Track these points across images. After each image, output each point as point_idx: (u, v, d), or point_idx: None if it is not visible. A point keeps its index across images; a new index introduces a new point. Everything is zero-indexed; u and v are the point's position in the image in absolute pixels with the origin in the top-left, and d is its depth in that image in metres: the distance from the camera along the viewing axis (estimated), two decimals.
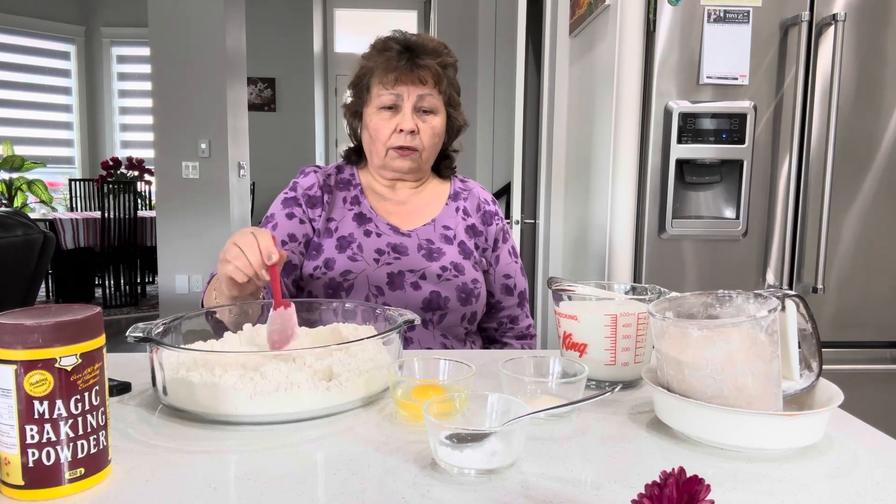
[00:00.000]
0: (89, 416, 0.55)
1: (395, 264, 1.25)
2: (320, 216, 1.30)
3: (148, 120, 5.07)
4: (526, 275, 1.44)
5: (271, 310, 0.86)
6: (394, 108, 1.26)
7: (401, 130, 1.26)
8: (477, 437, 0.59)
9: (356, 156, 1.40)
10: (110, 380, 0.75)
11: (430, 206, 1.36)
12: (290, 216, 1.29)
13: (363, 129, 1.33)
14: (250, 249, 0.90)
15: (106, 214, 4.94)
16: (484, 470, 0.57)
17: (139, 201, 5.37)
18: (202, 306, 1.12)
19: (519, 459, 0.60)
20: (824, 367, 0.72)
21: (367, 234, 1.28)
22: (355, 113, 1.36)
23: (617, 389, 0.69)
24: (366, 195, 1.34)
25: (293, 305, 0.87)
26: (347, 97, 1.38)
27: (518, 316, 1.39)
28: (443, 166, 1.42)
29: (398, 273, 1.24)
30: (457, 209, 1.37)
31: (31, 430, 0.53)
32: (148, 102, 4.94)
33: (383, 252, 1.26)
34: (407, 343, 1.20)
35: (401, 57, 1.25)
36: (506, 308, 1.38)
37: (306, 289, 1.26)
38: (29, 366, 0.52)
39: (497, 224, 1.39)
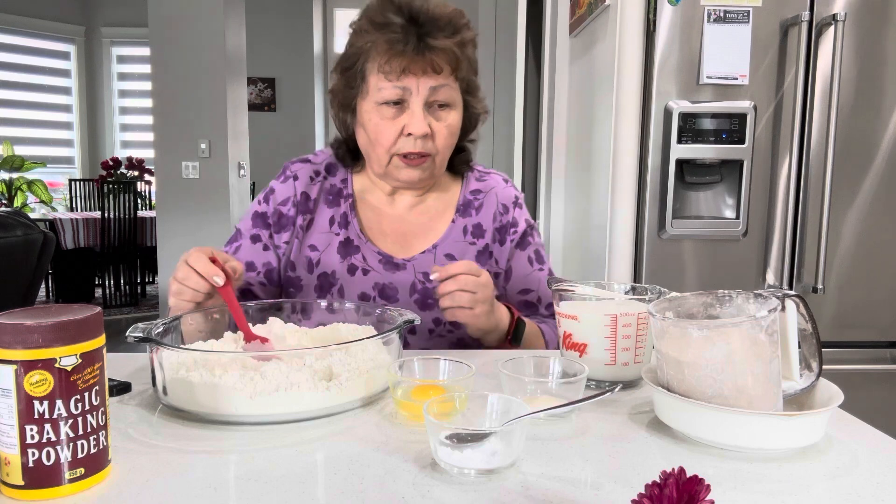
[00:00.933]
0: (89, 416, 0.55)
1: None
2: (287, 244, 1.11)
3: (148, 120, 5.07)
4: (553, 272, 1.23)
5: (243, 342, 0.84)
6: (399, 102, 1.01)
7: (409, 134, 1.01)
8: (477, 437, 0.59)
9: (350, 157, 1.15)
10: (110, 380, 0.75)
11: (433, 223, 1.14)
12: (255, 239, 1.12)
13: (358, 125, 1.07)
14: (189, 280, 0.84)
15: (106, 214, 4.94)
16: (484, 470, 0.57)
17: (139, 201, 5.37)
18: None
19: (519, 459, 0.60)
20: (824, 367, 0.72)
21: (352, 270, 1.09)
22: (346, 105, 1.08)
23: (617, 389, 0.69)
24: (357, 210, 1.13)
25: (269, 340, 0.85)
26: (334, 80, 1.09)
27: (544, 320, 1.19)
28: (456, 161, 1.15)
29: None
30: (465, 230, 1.13)
31: (31, 430, 0.53)
32: (148, 102, 4.94)
33: (368, 297, 1.09)
34: (406, 344, 1.10)
35: (407, 36, 0.97)
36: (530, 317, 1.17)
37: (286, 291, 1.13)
38: (29, 366, 0.52)
39: (512, 237, 1.14)
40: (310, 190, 1.13)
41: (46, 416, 0.53)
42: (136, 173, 5.81)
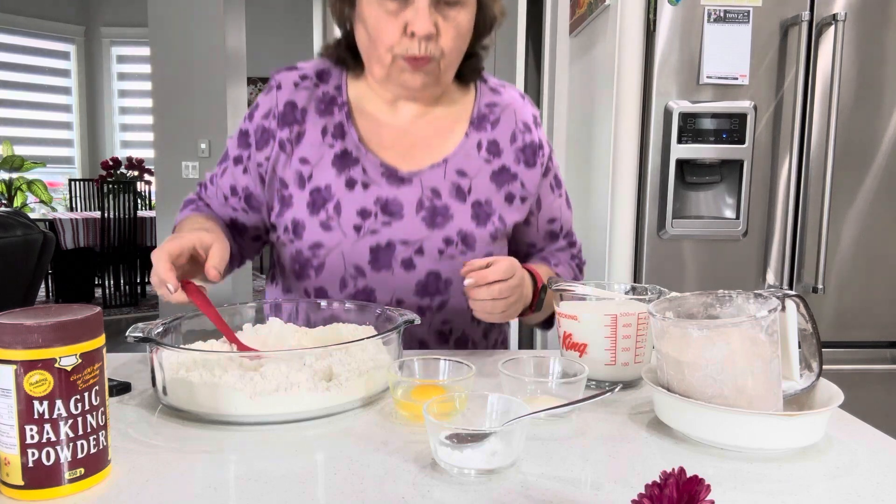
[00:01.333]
0: (89, 417, 0.55)
1: (383, 232, 0.96)
2: (267, 159, 1.00)
3: (148, 120, 5.07)
4: (568, 197, 1.15)
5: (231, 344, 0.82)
6: None
7: (412, 34, 0.89)
8: (477, 438, 0.59)
9: (351, 58, 1.01)
10: (110, 380, 0.75)
11: (443, 136, 1.01)
12: (238, 160, 1.02)
13: (357, 21, 0.95)
14: (160, 288, 0.78)
15: (106, 214, 4.94)
16: (484, 470, 0.57)
17: (139, 201, 5.37)
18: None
19: (519, 459, 0.60)
20: (824, 367, 0.72)
21: (351, 184, 0.97)
22: None
23: (617, 389, 0.69)
24: (354, 119, 1.00)
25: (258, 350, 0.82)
26: None
27: (562, 252, 1.12)
28: (466, 68, 1.02)
29: (386, 246, 0.96)
30: (479, 145, 1.01)
31: (31, 430, 0.53)
32: (148, 102, 4.94)
33: (369, 214, 0.96)
34: (411, 265, 1.00)
35: None
36: (551, 253, 1.12)
37: (276, 254, 1.05)
38: (29, 366, 0.52)
39: (542, 160, 1.04)
40: (296, 98, 1.00)
41: (46, 417, 0.53)
42: (136, 173, 5.82)
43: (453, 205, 0.98)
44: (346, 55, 1.01)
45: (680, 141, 1.78)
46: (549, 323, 1.10)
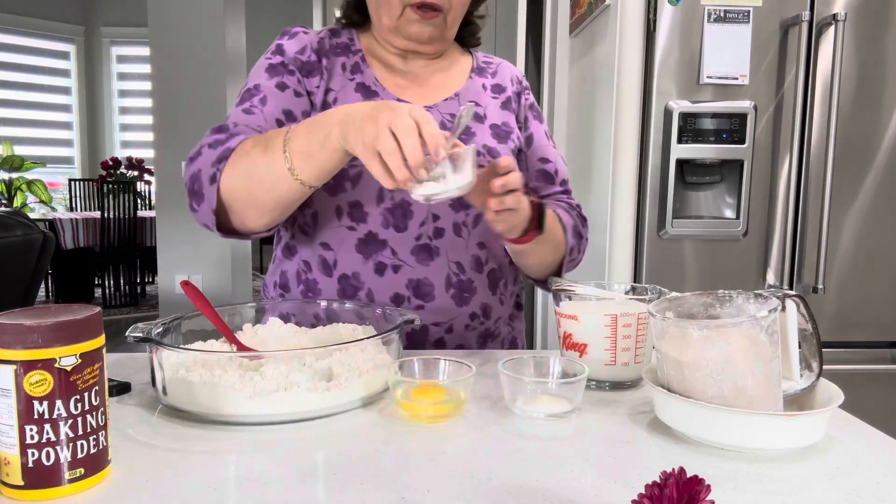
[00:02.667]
0: (89, 417, 0.55)
1: None
2: (318, 88, 1.01)
3: (148, 120, 5.07)
4: (565, 162, 1.17)
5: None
6: None
7: None
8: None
9: (358, 14, 1.07)
10: (110, 380, 0.75)
11: (451, 78, 1.09)
12: (282, 87, 0.99)
13: None
14: (407, 137, 0.69)
15: (106, 214, 4.94)
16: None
17: (139, 201, 5.37)
18: (215, 189, 0.87)
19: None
20: (824, 367, 0.72)
21: None
22: None
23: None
24: (368, 64, 1.05)
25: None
26: None
27: (559, 200, 1.12)
28: (466, 33, 1.12)
29: None
30: (484, 87, 1.10)
31: (31, 430, 0.53)
32: (148, 102, 4.94)
33: None
34: (432, 255, 0.99)
35: None
36: (547, 196, 1.12)
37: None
38: (28, 366, 0.52)
39: (527, 98, 1.13)
40: (322, 43, 1.05)
41: (46, 417, 0.53)
42: (136, 173, 5.81)
43: (473, 125, 1.03)
44: (353, 13, 1.07)
45: (680, 141, 1.78)
46: (554, 268, 1.06)
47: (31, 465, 0.53)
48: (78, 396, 0.54)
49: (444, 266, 1.00)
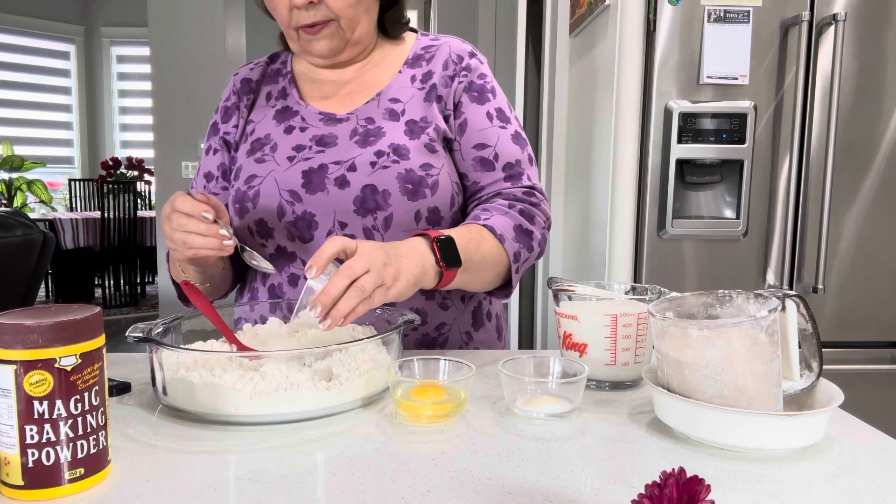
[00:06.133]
0: (89, 417, 0.55)
1: (316, 158, 0.97)
2: (236, 127, 1.07)
3: (148, 120, 5.07)
4: (525, 142, 1.05)
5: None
6: None
7: (295, 6, 0.94)
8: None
9: (285, 41, 1.10)
10: (110, 380, 0.75)
11: (377, 77, 1.05)
12: (208, 150, 1.09)
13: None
14: (178, 231, 0.82)
15: (106, 214, 4.94)
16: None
17: (139, 201, 5.37)
18: (174, 284, 1.02)
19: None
20: (824, 367, 0.72)
21: (289, 130, 1.02)
22: None
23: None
24: (296, 83, 1.08)
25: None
26: None
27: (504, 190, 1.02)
28: (387, 21, 1.05)
29: (318, 168, 0.96)
30: (412, 78, 1.03)
31: (31, 430, 0.53)
32: (148, 102, 4.94)
33: (303, 147, 0.99)
34: (347, 183, 0.98)
35: None
36: (486, 187, 1.02)
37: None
38: (28, 366, 0.52)
39: (462, 80, 1.02)
40: (251, 75, 1.10)
41: (46, 417, 0.53)
42: (136, 173, 5.82)
43: (386, 125, 0.99)
44: (281, 40, 1.10)
45: (680, 141, 1.78)
46: (505, 288, 0.99)
47: (31, 465, 0.53)
48: (78, 396, 0.54)
49: None
